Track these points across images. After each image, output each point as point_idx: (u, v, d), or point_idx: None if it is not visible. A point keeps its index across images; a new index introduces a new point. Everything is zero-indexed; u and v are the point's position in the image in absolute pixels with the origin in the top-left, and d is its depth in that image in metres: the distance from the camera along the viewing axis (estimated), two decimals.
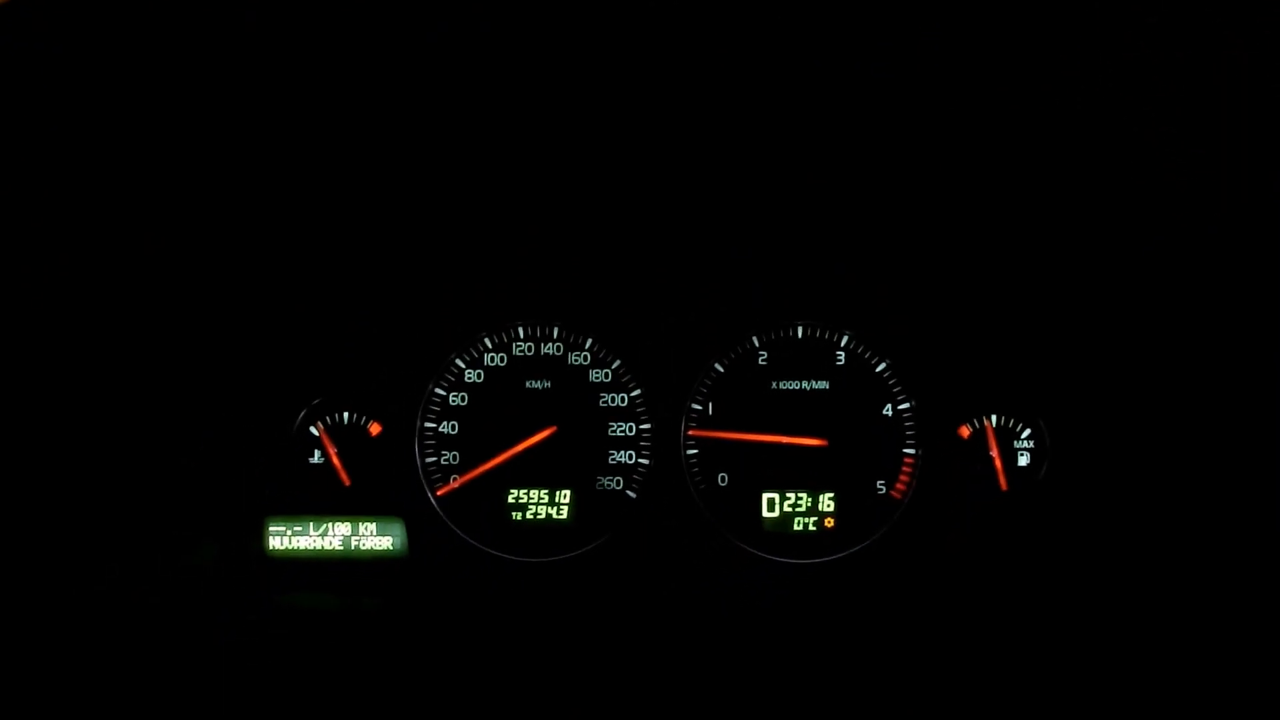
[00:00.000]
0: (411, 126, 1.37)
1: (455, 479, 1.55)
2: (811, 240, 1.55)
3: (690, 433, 1.55)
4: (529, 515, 1.55)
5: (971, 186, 1.43)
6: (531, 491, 1.56)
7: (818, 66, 1.22)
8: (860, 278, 1.56)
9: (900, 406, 1.54)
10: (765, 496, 1.55)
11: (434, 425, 1.56)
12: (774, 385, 1.56)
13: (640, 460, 1.56)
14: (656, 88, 1.29)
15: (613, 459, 1.56)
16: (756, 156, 1.46)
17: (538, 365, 1.57)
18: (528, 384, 1.56)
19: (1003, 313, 1.54)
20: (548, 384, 1.56)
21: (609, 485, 1.56)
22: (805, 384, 1.55)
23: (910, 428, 1.54)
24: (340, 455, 1.56)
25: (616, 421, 1.56)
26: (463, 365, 1.57)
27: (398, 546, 1.54)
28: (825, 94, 1.28)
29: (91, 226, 1.31)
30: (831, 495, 1.55)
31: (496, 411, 1.56)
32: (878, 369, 1.55)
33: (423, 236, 1.55)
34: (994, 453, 1.52)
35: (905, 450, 1.54)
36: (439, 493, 1.55)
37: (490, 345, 1.57)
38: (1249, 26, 1.03)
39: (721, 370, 1.56)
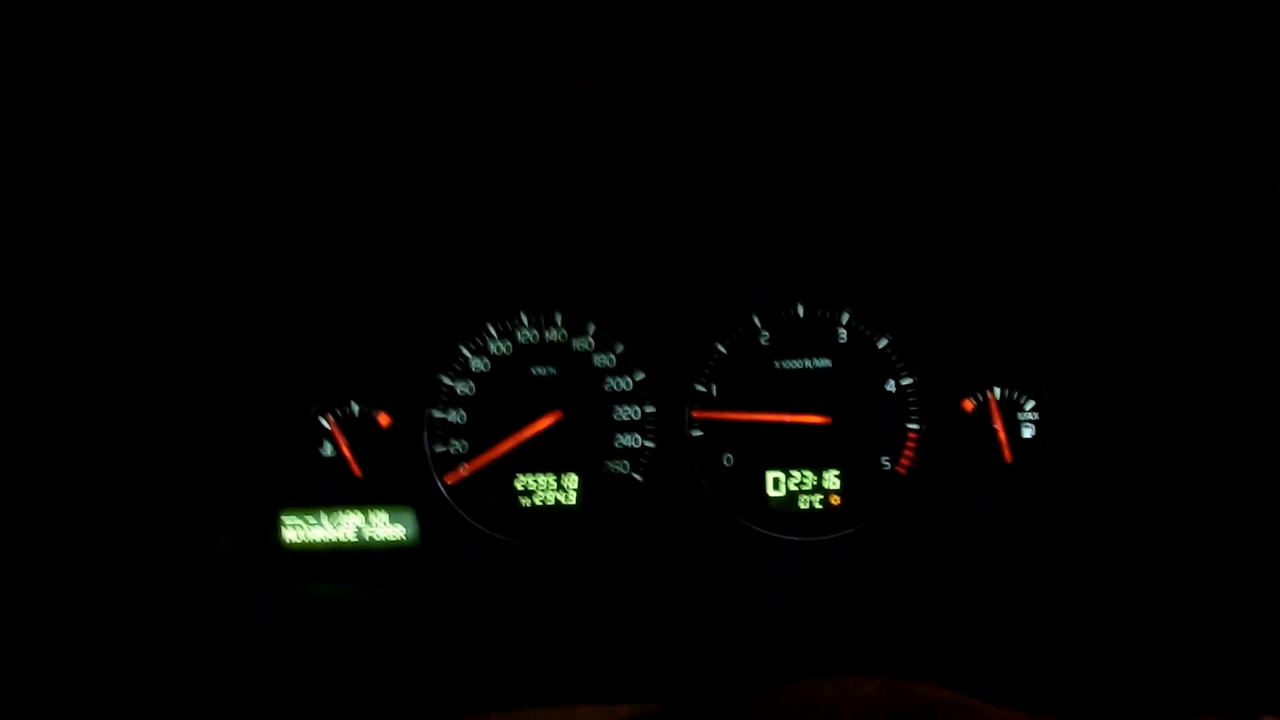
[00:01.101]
0: (413, 122, 1.39)
1: (463, 467, 1.57)
2: (811, 220, 1.56)
3: (694, 414, 1.56)
4: (537, 501, 1.57)
5: (972, 172, 1.43)
6: (539, 477, 1.57)
7: (819, 62, 1.23)
8: (860, 256, 1.56)
9: (903, 382, 1.55)
10: (770, 475, 1.56)
11: (442, 414, 1.58)
12: (777, 365, 1.57)
13: (646, 443, 1.57)
14: (654, 74, 1.30)
15: (618, 443, 1.57)
16: (754, 140, 1.47)
17: (543, 352, 1.59)
18: (533, 371, 1.58)
19: (1002, 287, 1.54)
20: (553, 370, 1.58)
21: (615, 469, 1.57)
22: (808, 362, 1.56)
23: (913, 403, 1.54)
24: (351, 447, 1.58)
25: (621, 405, 1.58)
26: (469, 354, 1.59)
27: (410, 535, 1.57)
28: (827, 83, 1.29)
29: (99, 226, 1.34)
30: (836, 472, 1.55)
31: (503, 399, 1.58)
32: (880, 345, 1.56)
33: (426, 229, 1.57)
34: (998, 425, 1.53)
35: (909, 425, 1.54)
36: (448, 481, 1.57)
37: (495, 333, 1.59)
38: (1249, 26, 1.03)
39: (724, 351, 1.57)
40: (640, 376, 1.58)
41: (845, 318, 1.56)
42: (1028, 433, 1.54)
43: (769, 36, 1.20)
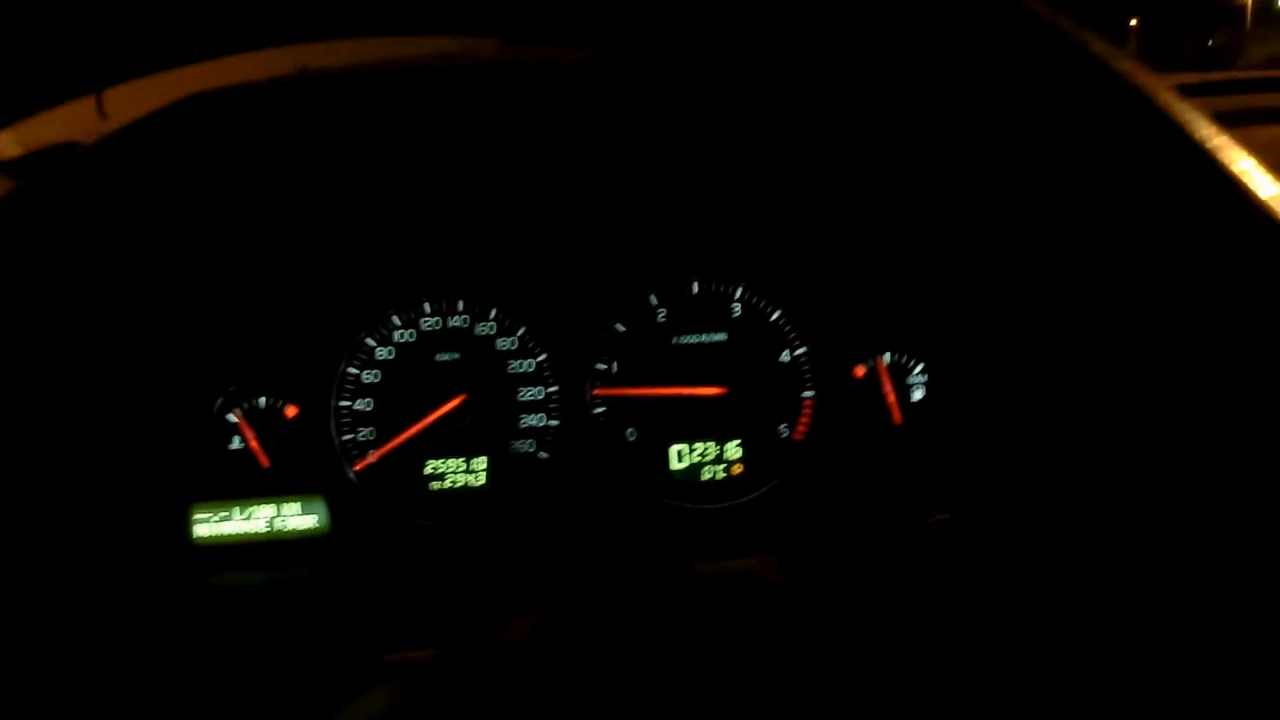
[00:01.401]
0: (309, 110, 1.40)
1: (371, 454, 1.59)
2: (702, 196, 1.60)
3: (595, 392, 1.60)
4: (447, 484, 1.60)
5: (890, 158, 1.46)
6: (448, 460, 1.60)
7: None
8: (752, 231, 1.61)
9: (796, 352, 1.61)
10: (673, 449, 1.61)
11: (349, 403, 1.60)
12: (674, 340, 1.61)
13: (550, 422, 1.61)
14: (553, 56, 1.33)
15: (524, 423, 1.61)
16: (646, 122, 1.50)
17: (446, 338, 1.61)
18: (438, 357, 1.61)
19: (892, 258, 1.59)
20: (457, 355, 1.61)
21: (522, 448, 1.61)
22: (704, 337, 1.61)
23: (807, 372, 1.60)
24: (259, 439, 1.59)
25: (525, 386, 1.61)
26: (373, 344, 1.61)
27: (322, 524, 1.59)
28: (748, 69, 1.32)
29: None
30: (737, 442, 1.61)
31: (409, 386, 1.60)
32: (773, 318, 1.61)
33: (327, 220, 1.59)
34: (887, 389, 1.59)
35: (804, 394, 1.60)
36: (356, 468, 1.59)
37: (399, 322, 1.61)
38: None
39: (623, 329, 1.61)
40: (542, 357, 1.61)
41: (739, 292, 1.61)
42: (917, 395, 1.60)
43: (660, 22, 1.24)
